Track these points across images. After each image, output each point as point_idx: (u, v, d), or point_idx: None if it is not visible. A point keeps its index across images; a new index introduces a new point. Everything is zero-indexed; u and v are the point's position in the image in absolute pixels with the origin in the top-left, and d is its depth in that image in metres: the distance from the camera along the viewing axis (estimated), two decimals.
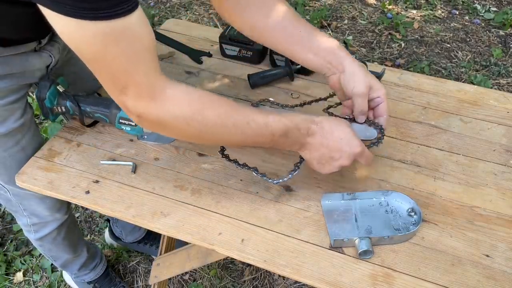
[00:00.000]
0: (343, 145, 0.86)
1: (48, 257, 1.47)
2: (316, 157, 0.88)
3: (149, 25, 0.73)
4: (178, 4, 3.19)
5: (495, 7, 3.15)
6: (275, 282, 1.77)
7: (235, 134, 0.81)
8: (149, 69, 0.73)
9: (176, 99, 0.76)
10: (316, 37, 0.96)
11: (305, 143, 0.87)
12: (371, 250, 0.86)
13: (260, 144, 0.86)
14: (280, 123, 0.82)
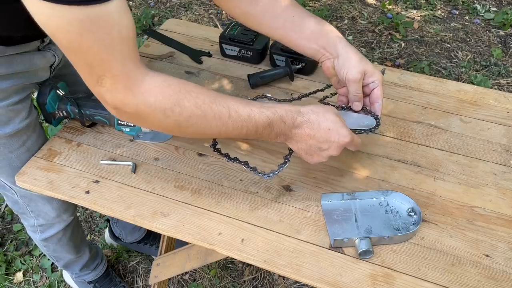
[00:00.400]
0: (332, 136, 0.83)
1: (51, 257, 1.47)
2: (304, 148, 0.86)
3: (130, 15, 0.71)
4: (178, 4, 3.19)
5: (495, 7, 3.15)
6: (275, 282, 1.77)
7: (216, 126, 0.79)
8: (126, 59, 0.71)
9: (154, 89, 0.74)
10: (309, 22, 0.94)
11: (292, 135, 0.84)
12: (371, 250, 0.86)
13: (244, 136, 0.83)
14: (263, 115, 0.80)
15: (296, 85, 1.25)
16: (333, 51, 0.93)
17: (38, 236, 1.32)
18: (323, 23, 0.95)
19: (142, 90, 0.73)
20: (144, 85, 0.74)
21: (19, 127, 1.03)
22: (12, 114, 1.01)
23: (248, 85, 1.24)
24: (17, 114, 1.02)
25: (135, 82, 0.73)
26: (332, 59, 0.94)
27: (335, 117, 0.84)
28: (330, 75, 0.97)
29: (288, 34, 0.96)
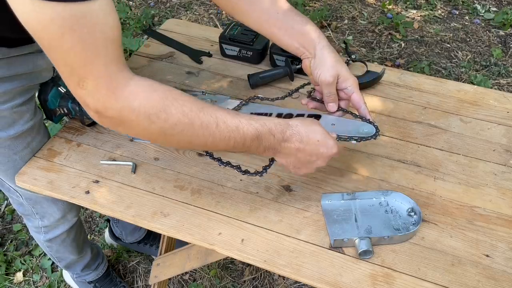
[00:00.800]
0: (320, 148, 0.84)
1: (54, 258, 1.47)
2: (293, 161, 0.86)
3: (116, 15, 0.68)
4: (178, 4, 3.19)
5: (495, 7, 3.15)
6: (275, 282, 1.76)
7: (203, 135, 0.76)
8: (110, 61, 0.68)
9: (139, 94, 0.71)
10: (293, 20, 0.95)
11: (280, 148, 0.83)
12: (371, 250, 0.86)
13: (232, 148, 0.80)
14: (252, 127, 0.78)
15: (296, 85, 1.25)
16: (311, 51, 0.94)
17: (42, 237, 1.32)
18: (306, 22, 0.96)
19: (126, 94, 0.70)
20: (128, 89, 0.70)
21: (24, 128, 1.02)
22: (16, 116, 1.00)
23: (248, 85, 1.24)
24: (22, 116, 1.02)
25: (119, 86, 0.70)
26: (310, 58, 0.95)
27: (322, 128, 0.85)
28: (309, 73, 0.98)
29: (272, 29, 0.97)
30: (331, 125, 0.95)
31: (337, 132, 0.93)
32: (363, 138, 0.92)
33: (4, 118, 0.98)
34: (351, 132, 0.93)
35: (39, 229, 1.29)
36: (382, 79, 1.26)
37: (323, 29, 2.96)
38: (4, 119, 0.98)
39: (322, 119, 0.96)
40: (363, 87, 1.23)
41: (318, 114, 0.97)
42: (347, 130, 0.93)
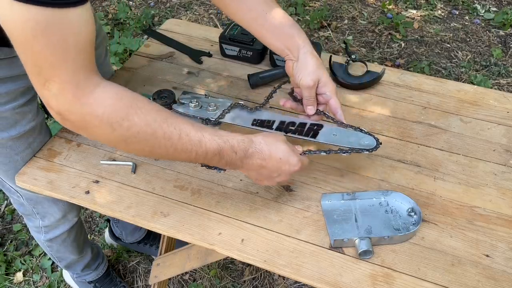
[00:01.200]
0: (282, 165, 0.85)
1: (54, 258, 1.47)
2: (254, 175, 0.88)
3: (93, 26, 0.70)
4: (178, 4, 3.19)
5: (495, 7, 3.15)
6: (275, 282, 1.76)
7: (164, 146, 0.77)
8: (78, 68, 0.69)
9: (104, 101, 0.72)
10: (280, 21, 0.97)
11: (242, 164, 0.84)
12: (371, 250, 0.86)
13: (193, 160, 0.81)
14: (214, 143, 0.79)
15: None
16: (295, 54, 0.96)
17: (43, 236, 1.32)
18: (293, 25, 0.98)
19: (91, 100, 0.71)
20: (93, 95, 0.71)
21: (26, 129, 1.02)
22: (18, 116, 1.00)
23: (248, 85, 1.24)
24: (24, 116, 1.01)
25: (85, 92, 0.70)
26: (293, 61, 0.97)
27: (286, 146, 0.86)
28: (290, 75, 1.00)
29: (259, 29, 0.99)
30: (333, 135, 0.96)
31: (339, 142, 0.94)
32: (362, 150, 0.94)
33: (6, 118, 0.98)
34: (353, 144, 0.94)
35: (40, 229, 1.29)
36: (382, 79, 1.26)
37: (323, 29, 2.96)
38: (6, 119, 0.98)
39: (324, 129, 0.96)
40: (363, 87, 1.24)
41: (321, 124, 0.97)
42: (349, 141, 0.95)
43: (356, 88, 1.24)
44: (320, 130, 0.96)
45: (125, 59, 2.62)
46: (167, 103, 1.03)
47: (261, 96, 1.21)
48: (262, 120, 0.99)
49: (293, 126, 0.97)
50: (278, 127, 0.97)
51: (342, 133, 0.96)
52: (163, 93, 1.04)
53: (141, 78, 1.27)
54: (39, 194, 1.05)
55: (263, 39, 1.00)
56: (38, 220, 1.26)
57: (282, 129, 0.97)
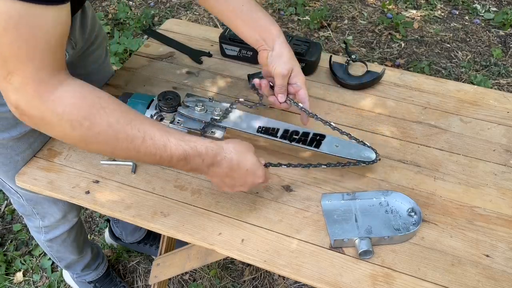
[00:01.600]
0: (248, 177, 0.86)
1: (54, 258, 1.47)
2: (217, 182, 0.88)
3: (67, 27, 0.70)
4: (178, 4, 3.19)
5: (495, 7, 3.15)
6: (275, 282, 1.77)
7: (126, 148, 0.75)
8: (44, 66, 0.68)
9: (66, 99, 0.71)
10: (256, 14, 1.01)
11: (208, 171, 0.84)
12: (371, 250, 0.86)
13: (157, 163, 0.80)
14: (180, 148, 0.78)
15: None
16: (271, 44, 0.99)
17: (43, 236, 1.32)
18: (268, 17, 1.02)
19: (52, 97, 0.70)
20: (56, 92, 0.70)
21: (27, 129, 1.02)
22: None
23: (248, 85, 1.23)
24: None
25: (47, 88, 0.69)
26: (268, 51, 1.00)
27: (254, 157, 0.87)
28: (264, 64, 1.03)
29: (235, 20, 1.03)
30: (335, 146, 0.99)
31: (340, 154, 0.98)
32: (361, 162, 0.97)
33: (7, 119, 0.98)
34: (353, 155, 0.98)
35: (40, 229, 1.29)
36: (382, 79, 1.26)
37: (323, 29, 2.96)
38: (6, 120, 0.98)
39: (326, 139, 0.99)
40: (363, 87, 1.24)
41: (324, 134, 1.00)
42: (350, 153, 0.98)
43: (356, 88, 1.24)
44: (323, 140, 0.99)
45: (125, 59, 2.62)
46: (172, 105, 1.02)
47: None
48: (267, 128, 1.01)
49: (297, 135, 1.00)
50: (283, 135, 1.00)
51: (344, 144, 0.99)
52: (168, 94, 1.04)
53: (141, 78, 1.27)
54: (39, 194, 1.05)
55: (238, 29, 1.04)
56: (38, 221, 1.25)
57: (286, 138, 1.00)
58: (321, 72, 1.29)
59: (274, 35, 0.99)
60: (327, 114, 1.17)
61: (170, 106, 1.02)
